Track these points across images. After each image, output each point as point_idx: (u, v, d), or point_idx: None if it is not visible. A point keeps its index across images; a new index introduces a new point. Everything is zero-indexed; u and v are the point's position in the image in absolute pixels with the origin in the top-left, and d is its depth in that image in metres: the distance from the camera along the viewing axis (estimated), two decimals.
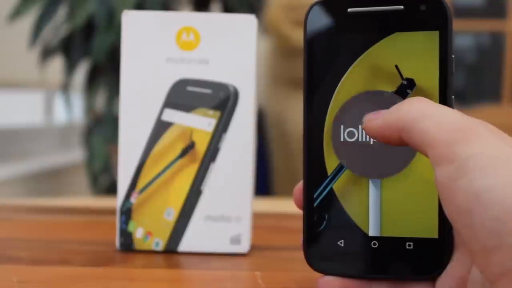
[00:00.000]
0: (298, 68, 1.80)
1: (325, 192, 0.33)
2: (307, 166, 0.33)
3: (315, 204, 0.33)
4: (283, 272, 0.41)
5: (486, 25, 2.43)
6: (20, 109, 2.33)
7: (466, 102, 2.35)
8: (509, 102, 2.40)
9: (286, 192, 1.98)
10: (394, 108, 0.29)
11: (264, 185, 2.26)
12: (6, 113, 2.20)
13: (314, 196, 0.33)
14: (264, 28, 2.06)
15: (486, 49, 2.46)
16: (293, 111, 2.06)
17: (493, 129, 0.27)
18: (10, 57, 2.00)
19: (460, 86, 2.44)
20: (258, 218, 0.51)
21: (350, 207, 0.32)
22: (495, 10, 2.42)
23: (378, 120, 0.30)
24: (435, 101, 0.31)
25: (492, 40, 2.45)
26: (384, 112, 0.30)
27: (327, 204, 0.33)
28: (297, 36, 1.92)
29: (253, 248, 0.47)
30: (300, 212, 0.34)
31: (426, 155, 0.27)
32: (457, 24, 2.36)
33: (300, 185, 0.34)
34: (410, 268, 0.31)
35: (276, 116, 2.20)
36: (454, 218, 0.26)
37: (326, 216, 0.33)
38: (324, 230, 0.33)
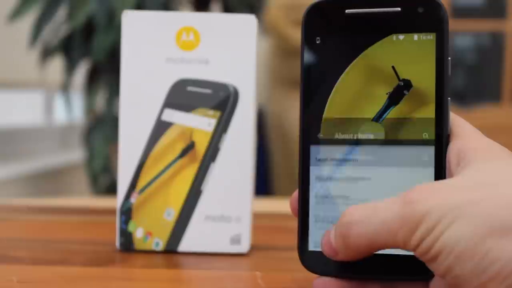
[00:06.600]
0: (298, 68, 1.80)
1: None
2: (303, 167, 0.33)
3: (310, 206, 0.33)
4: (283, 272, 0.41)
5: (486, 25, 2.43)
6: (20, 109, 2.33)
7: (466, 102, 2.35)
8: (509, 102, 2.39)
9: (286, 192, 1.98)
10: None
11: (264, 185, 2.26)
12: (6, 113, 2.20)
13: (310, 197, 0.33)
14: (264, 28, 2.06)
15: (486, 49, 2.46)
16: (293, 111, 2.06)
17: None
18: (10, 57, 2.00)
19: (460, 86, 2.44)
20: (258, 218, 0.51)
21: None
22: (495, 10, 2.42)
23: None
24: (431, 103, 0.31)
25: (492, 40, 2.45)
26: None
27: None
28: (297, 36, 1.92)
29: (253, 248, 0.47)
30: None
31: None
32: (457, 24, 2.36)
33: (296, 193, 0.34)
34: (405, 269, 0.31)
35: (276, 116, 2.20)
36: (440, 276, 0.27)
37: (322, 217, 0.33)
38: (319, 231, 0.33)
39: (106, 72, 1.68)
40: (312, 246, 0.33)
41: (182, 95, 0.45)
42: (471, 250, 0.25)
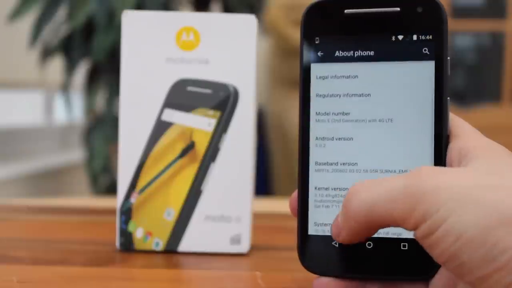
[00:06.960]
0: (298, 68, 1.80)
1: None
2: (302, 169, 0.33)
3: (309, 206, 0.33)
4: (283, 272, 0.41)
5: (486, 25, 2.43)
6: (20, 109, 2.33)
7: (466, 102, 2.35)
8: (509, 102, 2.40)
9: (286, 192, 1.98)
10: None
11: (264, 185, 2.26)
12: (6, 113, 2.20)
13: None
14: (264, 28, 2.06)
15: (486, 49, 2.46)
16: (293, 111, 2.06)
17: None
18: (10, 57, 2.00)
19: (460, 86, 2.44)
20: (258, 218, 0.51)
21: None
22: (495, 10, 2.42)
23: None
24: (430, 104, 0.31)
25: (492, 40, 2.45)
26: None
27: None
28: (297, 36, 1.91)
29: (253, 248, 0.47)
30: None
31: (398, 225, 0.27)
32: (457, 24, 2.36)
33: (296, 194, 0.34)
34: (404, 269, 0.31)
35: (276, 116, 2.20)
36: (443, 263, 0.26)
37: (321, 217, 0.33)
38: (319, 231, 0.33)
39: (106, 72, 1.68)
40: (312, 246, 0.33)
41: (182, 95, 0.45)
42: (482, 238, 0.24)
